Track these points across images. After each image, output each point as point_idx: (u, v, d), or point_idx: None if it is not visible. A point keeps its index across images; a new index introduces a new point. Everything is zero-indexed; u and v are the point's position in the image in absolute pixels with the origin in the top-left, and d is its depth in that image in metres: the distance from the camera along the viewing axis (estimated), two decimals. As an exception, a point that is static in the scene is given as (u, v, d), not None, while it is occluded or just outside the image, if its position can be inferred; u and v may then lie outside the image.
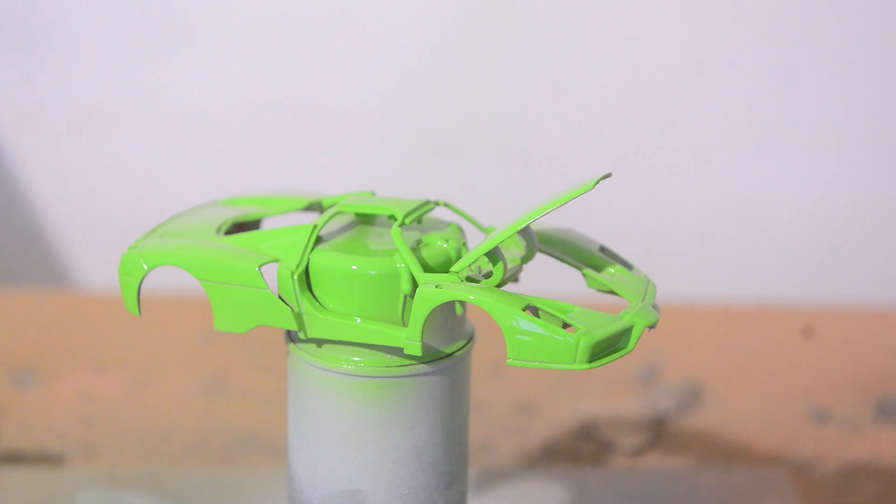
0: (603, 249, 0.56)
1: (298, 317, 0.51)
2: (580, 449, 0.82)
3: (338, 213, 0.53)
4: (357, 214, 0.55)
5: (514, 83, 1.13)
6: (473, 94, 1.13)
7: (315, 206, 0.58)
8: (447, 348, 0.52)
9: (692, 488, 0.75)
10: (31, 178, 1.16)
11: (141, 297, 0.53)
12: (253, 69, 1.12)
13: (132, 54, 1.12)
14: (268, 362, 0.90)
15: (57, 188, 1.16)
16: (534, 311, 0.49)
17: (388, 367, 0.52)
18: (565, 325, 0.49)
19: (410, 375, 0.52)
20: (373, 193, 0.56)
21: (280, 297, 0.51)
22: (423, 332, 0.50)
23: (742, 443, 0.83)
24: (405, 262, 0.50)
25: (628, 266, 0.56)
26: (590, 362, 0.48)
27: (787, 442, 0.83)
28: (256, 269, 0.51)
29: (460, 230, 0.55)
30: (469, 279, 0.51)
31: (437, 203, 0.55)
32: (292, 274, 0.51)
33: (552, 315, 0.49)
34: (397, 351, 0.51)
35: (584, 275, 0.55)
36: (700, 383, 0.90)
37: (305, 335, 0.51)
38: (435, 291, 0.49)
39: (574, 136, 1.14)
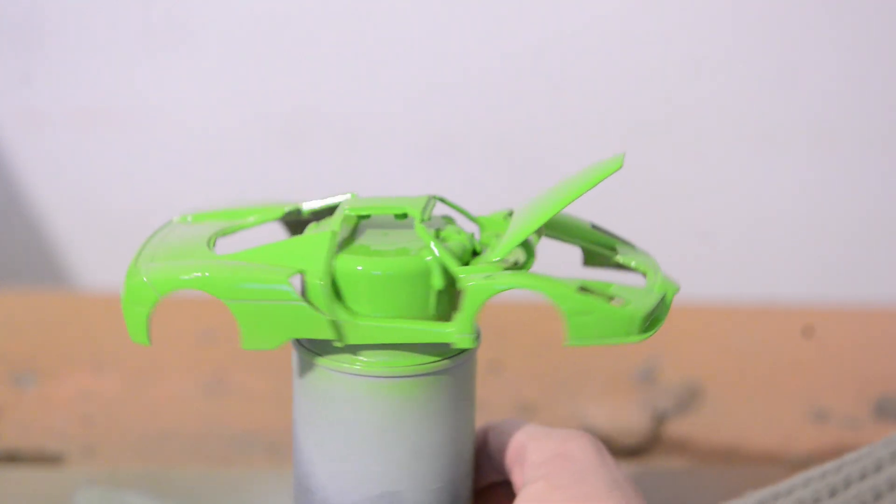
0: (595, 227, 0.56)
1: (334, 325, 0.49)
2: (580, 449, 0.82)
3: (347, 215, 0.52)
4: (359, 216, 0.54)
5: (514, 83, 1.13)
6: (473, 94, 1.13)
7: (294, 214, 0.56)
8: None
9: (691, 488, 0.75)
10: (30, 178, 1.16)
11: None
12: (252, 69, 1.12)
13: (132, 55, 1.12)
14: (267, 362, 0.90)
15: (57, 188, 1.16)
16: (584, 290, 0.49)
17: (421, 364, 0.51)
18: (611, 300, 0.49)
19: (440, 371, 0.52)
20: (355, 195, 0.55)
21: (314, 307, 0.49)
22: (474, 325, 0.50)
23: (741, 442, 0.83)
24: (438, 258, 0.50)
25: (624, 241, 0.56)
26: (643, 333, 0.49)
27: (787, 441, 0.83)
28: (287, 282, 0.48)
29: (455, 221, 0.55)
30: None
31: (435, 198, 0.55)
32: (322, 282, 0.49)
33: (600, 292, 0.50)
34: (426, 348, 0.51)
35: (584, 251, 0.55)
36: (699, 383, 0.90)
37: (342, 343, 0.50)
38: (488, 282, 0.49)
39: (574, 136, 1.14)
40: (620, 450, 0.81)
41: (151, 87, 1.13)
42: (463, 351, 0.52)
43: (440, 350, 0.51)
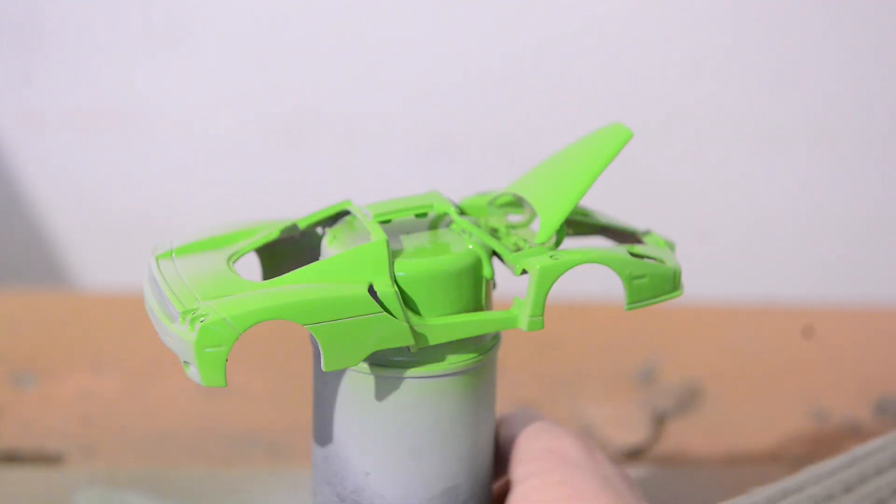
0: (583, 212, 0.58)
1: (412, 330, 0.49)
2: (580, 449, 0.82)
3: (380, 221, 0.51)
4: (380, 221, 0.53)
5: (514, 83, 1.13)
6: (473, 94, 1.13)
7: (291, 230, 0.54)
8: None
9: (691, 488, 0.75)
10: (30, 178, 1.16)
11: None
12: (252, 69, 1.12)
13: (132, 55, 1.12)
14: (266, 362, 0.90)
15: (57, 188, 1.16)
16: (634, 255, 0.52)
17: (477, 356, 0.52)
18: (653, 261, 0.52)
19: (487, 361, 0.52)
20: (349, 202, 0.54)
21: (393, 316, 0.49)
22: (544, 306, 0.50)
23: (741, 442, 0.83)
24: (490, 249, 0.51)
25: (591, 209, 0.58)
26: (679, 289, 0.53)
27: (787, 441, 0.83)
28: (367, 294, 0.48)
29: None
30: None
31: (434, 193, 0.55)
32: (394, 289, 0.48)
33: (645, 255, 0.52)
34: (475, 341, 0.51)
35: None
36: (699, 383, 0.90)
37: (418, 346, 0.49)
38: (555, 263, 0.50)
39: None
40: (620, 450, 0.81)
41: (151, 87, 1.13)
42: (497, 341, 0.53)
43: (481, 342, 0.52)
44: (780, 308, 1.04)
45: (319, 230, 0.55)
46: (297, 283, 0.48)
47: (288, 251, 0.55)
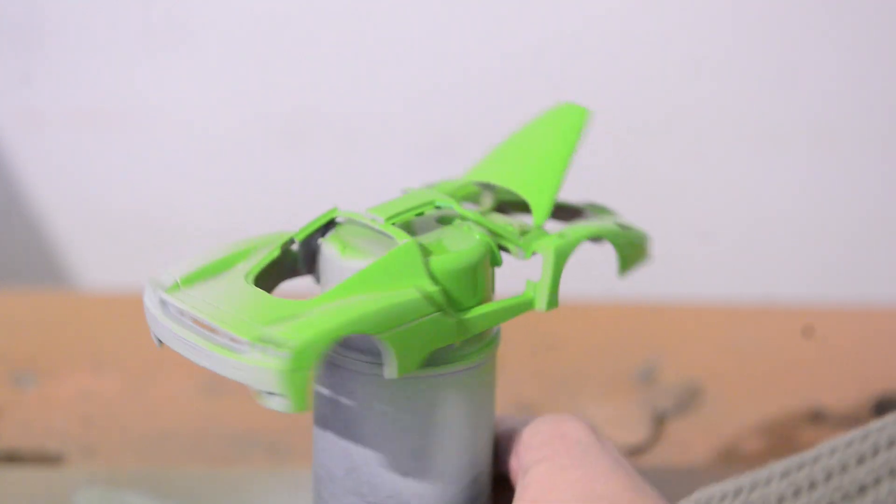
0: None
1: (459, 325, 0.50)
2: (580, 449, 0.82)
3: (392, 224, 0.52)
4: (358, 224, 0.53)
5: (514, 83, 1.13)
6: (473, 94, 1.13)
7: (289, 244, 0.53)
8: None
9: (691, 488, 0.75)
10: (30, 178, 1.16)
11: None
12: (252, 69, 1.12)
13: (132, 55, 1.12)
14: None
15: (57, 188, 1.16)
16: (622, 227, 0.56)
17: (494, 343, 0.53)
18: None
19: (497, 342, 0.54)
20: (337, 209, 0.54)
21: (445, 314, 0.49)
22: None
23: (741, 442, 0.83)
24: (497, 237, 0.52)
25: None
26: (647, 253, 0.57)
27: (787, 441, 0.83)
28: (421, 296, 0.48)
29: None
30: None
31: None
32: (438, 287, 0.49)
33: (629, 226, 0.56)
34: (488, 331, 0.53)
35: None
36: (699, 383, 0.90)
37: (461, 339, 0.50)
38: (567, 241, 0.52)
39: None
40: (620, 450, 0.81)
41: (151, 87, 1.13)
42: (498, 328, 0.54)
43: (490, 331, 0.53)
44: (780, 308, 1.04)
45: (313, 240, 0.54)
46: (346, 297, 0.48)
47: (272, 265, 0.54)
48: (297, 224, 0.54)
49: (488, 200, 0.56)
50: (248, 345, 0.45)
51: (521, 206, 0.56)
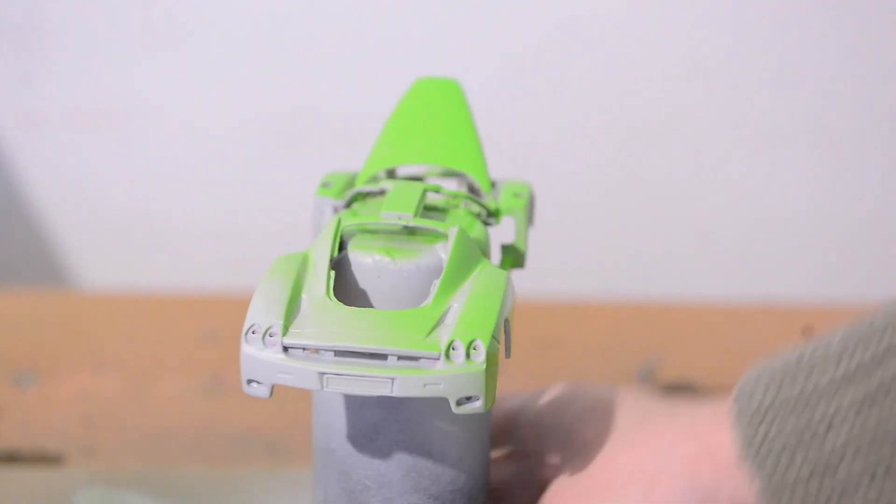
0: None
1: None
2: (579, 449, 0.81)
3: (401, 229, 0.52)
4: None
5: (514, 83, 1.13)
6: (473, 94, 1.13)
7: (331, 260, 0.52)
8: None
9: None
10: (30, 178, 1.16)
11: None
12: (252, 69, 1.12)
13: (132, 55, 1.12)
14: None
15: (57, 188, 1.16)
16: (515, 196, 0.57)
17: None
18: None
19: None
20: (340, 218, 0.53)
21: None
22: None
23: (741, 442, 0.82)
24: (484, 212, 0.55)
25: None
26: None
27: (787, 442, 0.83)
28: (505, 272, 0.50)
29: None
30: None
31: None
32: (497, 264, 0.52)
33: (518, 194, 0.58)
34: None
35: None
36: (700, 383, 0.90)
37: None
38: (522, 200, 0.56)
39: (574, 136, 1.14)
40: (620, 450, 0.81)
41: (151, 87, 1.13)
42: None
43: None
44: (780, 308, 1.04)
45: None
46: (452, 294, 0.48)
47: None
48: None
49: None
50: (437, 358, 0.45)
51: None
